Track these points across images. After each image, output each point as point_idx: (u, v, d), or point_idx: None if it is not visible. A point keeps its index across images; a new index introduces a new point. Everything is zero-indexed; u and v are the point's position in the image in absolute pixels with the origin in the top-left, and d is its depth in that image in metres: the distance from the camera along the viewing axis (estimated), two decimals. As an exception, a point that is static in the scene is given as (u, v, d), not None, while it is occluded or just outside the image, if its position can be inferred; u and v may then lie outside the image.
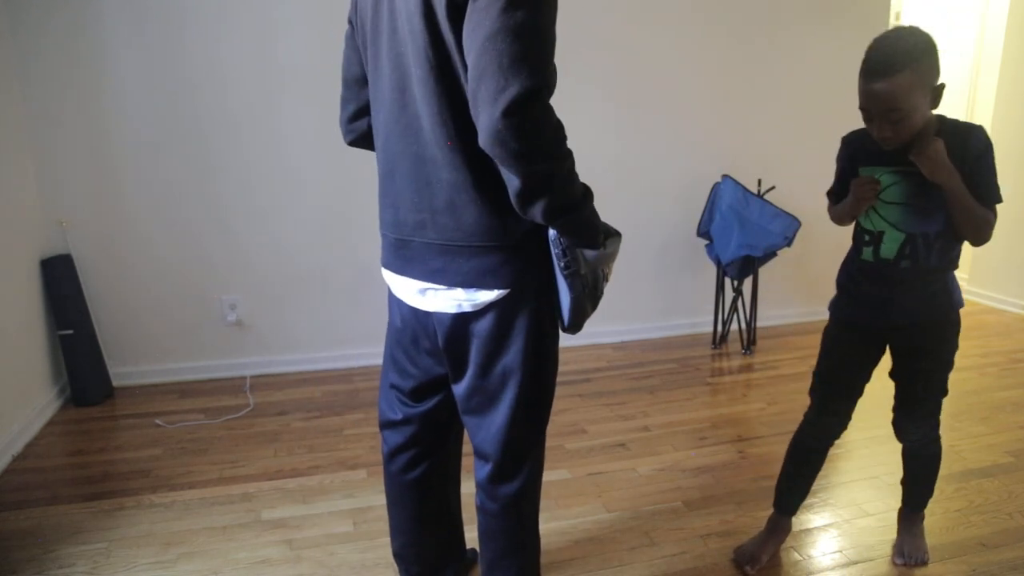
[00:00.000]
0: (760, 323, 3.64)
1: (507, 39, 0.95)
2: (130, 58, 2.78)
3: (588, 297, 1.23)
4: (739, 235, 3.15)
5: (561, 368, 3.29)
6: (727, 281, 3.46)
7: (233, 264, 3.06)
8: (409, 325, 1.36)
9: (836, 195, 1.69)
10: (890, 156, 1.50)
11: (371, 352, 3.26)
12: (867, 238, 1.59)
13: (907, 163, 1.47)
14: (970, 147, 1.45)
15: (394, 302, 1.40)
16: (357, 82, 1.34)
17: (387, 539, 1.94)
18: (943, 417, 1.73)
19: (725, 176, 3.30)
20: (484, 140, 1.00)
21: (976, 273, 4.27)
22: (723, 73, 3.47)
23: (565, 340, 3.84)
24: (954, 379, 1.65)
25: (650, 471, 2.31)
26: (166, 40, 2.80)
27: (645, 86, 3.36)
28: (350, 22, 1.32)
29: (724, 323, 3.52)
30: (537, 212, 1.07)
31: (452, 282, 1.19)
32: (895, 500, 2.10)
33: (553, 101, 1.04)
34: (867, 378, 1.72)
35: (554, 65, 1.02)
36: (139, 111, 2.83)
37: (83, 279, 2.88)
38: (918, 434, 1.71)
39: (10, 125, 2.64)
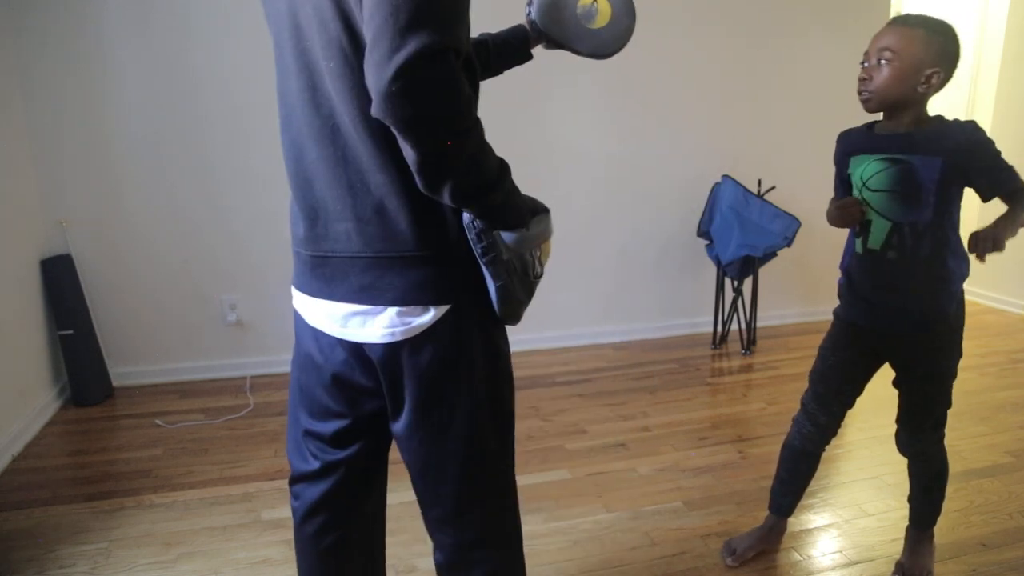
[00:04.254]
0: (760, 323, 3.64)
1: None
2: (131, 58, 2.78)
3: (518, 285, 1.07)
4: (739, 235, 3.15)
5: (561, 368, 3.32)
6: (727, 281, 3.46)
7: (233, 264, 3.06)
8: (332, 356, 1.15)
9: (839, 195, 1.68)
10: (878, 144, 1.51)
11: (371, 352, 3.25)
12: (858, 229, 1.58)
13: (894, 151, 1.48)
14: (977, 139, 1.44)
15: (307, 332, 1.18)
16: None
17: (387, 539, 1.94)
18: (943, 418, 1.72)
19: (725, 176, 3.30)
20: (375, 107, 0.86)
21: (976, 273, 4.24)
22: (723, 73, 3.47)
23: (565, 340, 3.83)
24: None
25: (650, 471, 2.31)
26: (167, 40, 2.80)
27: (645, 86, 3.36)
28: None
29: (724, 323, 3.52)
30: (445, 193, 0.93)
31: (383, 300, 1.03)
32: (895, 500, 2.11)
33: (554, 100, 1.00)
34: (860, 390, 1.70)
35: (467, 25, 0.90)
36: (139, 111, 2.83)
37: (83, 279, 2.88)
38: (918, 447, 1.67)
39: (11, 125, 2.64)
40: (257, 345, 3.17)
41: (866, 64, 1.47)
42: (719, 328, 3.53)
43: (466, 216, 1.02)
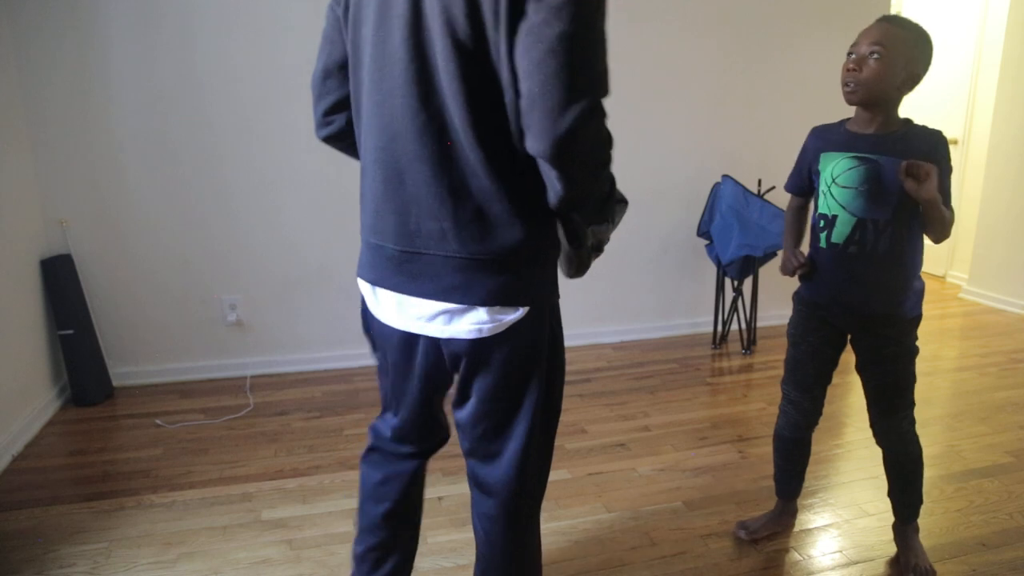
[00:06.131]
0: (760, 323, 3.64)
1: (578, 47, 0.93)
2: (131, 58, 2.78)
3: (592, 255, 1.22)
4: (739, 235, 3.15)
5: (561, 368, 3.31)
6: (727, 281, 3.46)
7: (233, 264, 3.06)
8: (404, 351, 1.23)
9: (794, 187, 1.77)
10: (850, 142, 1.58)
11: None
12: (822, 223, 1.63)
13: (865, 150, 1.55)
14: (939, 153, 1.53)
15: (378, 328, 1.26)
16: (343, 69, 1.20)
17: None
18: (943, 417, 1.73)
19: (725, 176, 3.30)
20: (540, 148, 0.96)
21: (976, 273, 4.27)
22: (723, 73, 3.47)
23: (565, 340, 3.83)
24: (954, 379, 1.65)
25: (650, 471, 2.31)
26: (167, 40, 2.80)
27: (645, 86, 3.36)
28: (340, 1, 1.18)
29: (724, 323, 3.52)
30: (576, 214, 1.09)
31: (473, 300, 1.09)
32: (895, 500, 2.10)
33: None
34: (834, 365, 1.76)
35: None
36: (140, 111, 2.83)
37: (83, 279, 2.88)
38: (898, 429, 1.70)
39: (10, 125, 2.64)
40: (257, 345, 3.17)
41: (853, 55, 1.52)
42: (719, 328, 3.53)
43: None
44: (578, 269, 1.22)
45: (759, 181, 3.35)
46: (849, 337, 1.73)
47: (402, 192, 1.10)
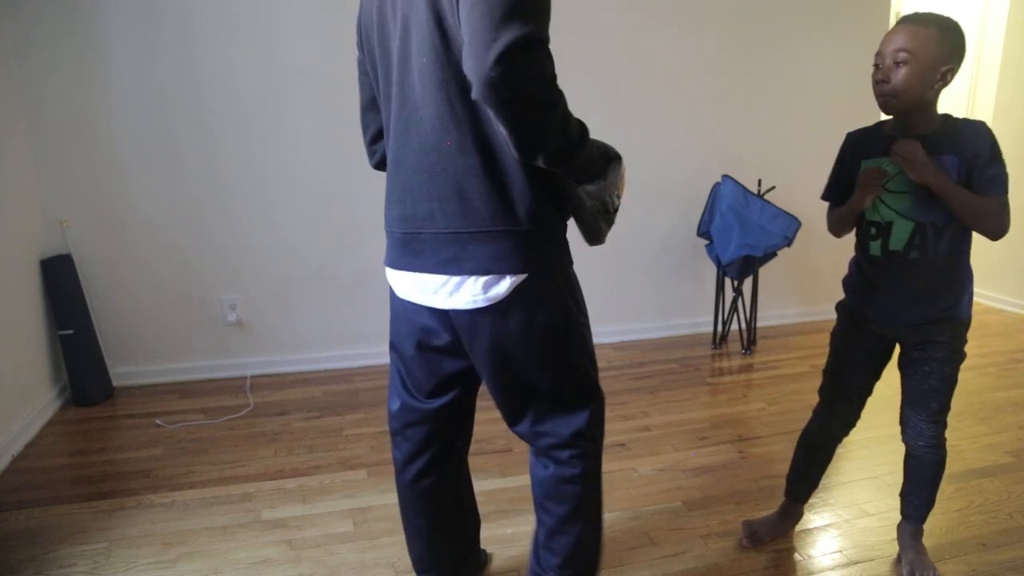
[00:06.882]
0: (760, 323, 3.64)
1: None
2: (131, 57, 2.78)
3: (602, 221, 1.24)
4: (739, 235, 3.15)
5: (561, 368, 3.31)
6: (727, 281, 3.46)
7: (233, 264, 3.06)
8: (418, 324, 1.33)
9: (834, 196, 1.68)
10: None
11: (371, 352, 3.26)
12: (874, 231, 1.58)
13: None
14: (986, 144, 1.46)
15: (399, 304, 1.37)
16: (373, 106, 1.38)
17: (387, 539, 1.94)
18: (943, 417, 1.72)
19: (725, 176, 3.30)
20: (476, 91, 0.99)
21: (976, 273, 4.26)
22: (723, 73, 3.47)
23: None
24: (954, 379, 1.64)
25: (650, 471, 2.31)
26: (167, 40, 2.80)
27: (645, 86, 3.36)
28: (359, 48, 1.34)
29: (724, 323, 3.52)
30: (540, 159, 1.09)
31: (464, 270, 1.17)
32: (895, 500, 2.09)
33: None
34: (876, 378, 1.73)
35: (549, 17, 1.03)
36: (140, 111, 2.83)
37: (83, 279, 2.88)
38: (929, 432, 1.66)
39: (10, 124, 2.64)
40: (257, 345, 3.17)
41: (880, 66, 1.46)
42: (719, 328, 3.53)
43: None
44: (588, 234, 1.25)
45: (759, 181, 3.35)
46: (898, 343, 1.68)
47: (400, 181, 1.24)
